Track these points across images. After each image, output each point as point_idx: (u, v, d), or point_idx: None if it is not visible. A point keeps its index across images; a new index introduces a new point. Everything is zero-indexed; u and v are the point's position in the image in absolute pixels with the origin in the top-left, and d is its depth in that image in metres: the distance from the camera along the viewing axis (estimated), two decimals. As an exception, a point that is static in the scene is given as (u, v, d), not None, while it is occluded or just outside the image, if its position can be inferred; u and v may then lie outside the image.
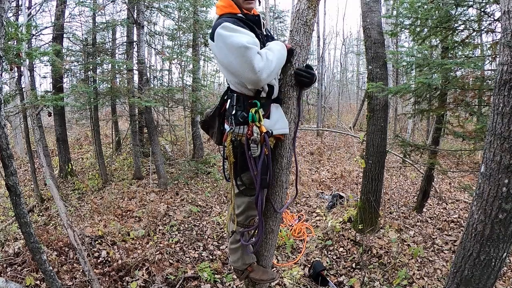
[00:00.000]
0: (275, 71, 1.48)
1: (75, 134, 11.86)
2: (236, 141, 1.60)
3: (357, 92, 21.02)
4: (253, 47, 1.39)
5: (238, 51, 1.39)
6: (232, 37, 1.41)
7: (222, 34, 1.44)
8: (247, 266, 1.88)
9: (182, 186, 6.38)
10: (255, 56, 1.38)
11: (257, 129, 1.52)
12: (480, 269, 1.88)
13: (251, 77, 1.40)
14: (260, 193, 1.59)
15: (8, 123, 6.06)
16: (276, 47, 1.51)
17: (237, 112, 1.58)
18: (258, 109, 1.54)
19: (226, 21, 1.47)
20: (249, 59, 1.37)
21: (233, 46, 1.40)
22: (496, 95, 1.79)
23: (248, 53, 1.37)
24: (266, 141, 1.52)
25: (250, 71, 1.39)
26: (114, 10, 8.72)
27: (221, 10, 1.60)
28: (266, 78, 1.43)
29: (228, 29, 1.44)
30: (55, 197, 3.81)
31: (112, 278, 3.31)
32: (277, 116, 1.64)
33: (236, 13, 1.58)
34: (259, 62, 1.39)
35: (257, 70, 1.38)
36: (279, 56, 1.49)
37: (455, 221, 4.71)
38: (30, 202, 5.57)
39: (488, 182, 1.81)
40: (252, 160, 1.54)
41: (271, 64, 1.42)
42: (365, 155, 4.33)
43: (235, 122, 1.58)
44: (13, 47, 3.66)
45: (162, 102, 6.71)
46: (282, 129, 1.66)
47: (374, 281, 3.33)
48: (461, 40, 3.92)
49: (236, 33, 1.43)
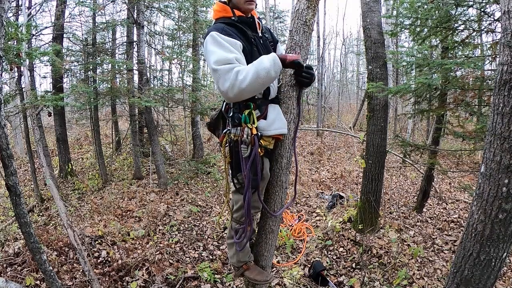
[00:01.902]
0: (248, 90, 1.42)
1: (75, 134, 11.86)
2: (232, 142, 1.64)
3: (357, 92, 21.01)
4: (219, 68, 1.42)
5: (210, 69, 1.47)
6: (210, 53, 1.47)
7: (207, 46, 1.51)
8: (243, 264, 1.89)
9: (182, 186, 6.38)
10: (220, 77, 1.42)
11: (248, 131, 1.56)
12: (480, 269, 1.88)
13: (221, 93, 1.46)
14: (247, 193, 1.61)
15: (8, 123, 6.07)
16: (259, 64, 1.43)
17: (234, 114, 1.62)
18: (251, 111, 1.58)
19: (215, 29, 1.51)
20: (216, 79, 1.44)
21: (208, 63, 1.48)
22: (496, 95, 1.79)
23: (215, 74, 1.44)
24: (255, 143, 1.54)
25: (220, 89, 1.45)
26: (114, 10, 8.72)
27: (216, 14, 1.65)
28: (233, 97, 1.45)
29: (211, 42, 1.49)
30: (55, 197, 3.81)
31: (112, 278, 3.31)
32: (274, 116, 1.65)
33: (230, 16, 1.61)
34: (224, 83, 1.41)
35: (221, 89, 1.44)
36: (256, 75, 1.40)
37: (455, 221, 4.71)
38: (30, 202, 5.57)
39: (488, 182, 1.81)
40: (243, 161, 1.59)
41: (240, 84, 1.40)
42: (365, 155, 4.33)
43: (231, 123, 1.63)
44: (13, 47, 3.66)
45: (162, 102, 6.71)
46: (280, 129, 1.67)
47: (374, 281, 3.33)
48: (461, 40, 3.92)
49: (215, 48, 1.47)
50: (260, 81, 1.42)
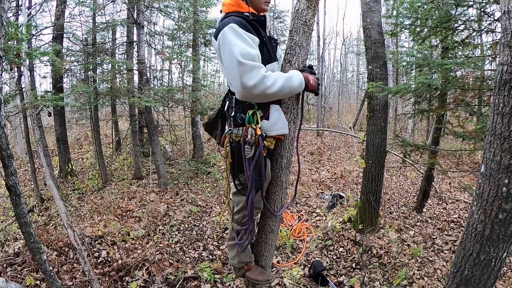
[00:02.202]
0: (270, 97, 1.45)
1: (75, 134, 11.86)
2: (234, 142, 1.62)
3: (357, 92, 21.01)
4: (246, 62, 1.37)
5: (233, 61, 1.39)
6: (233, 44, 1.40)
7: (226, 36, 1.43)
8: (244, 265, 1.89)
9: (182, 186, 6.38)
10: (246, 72, 1.37)
11: (252, 131, 1.54)
12: (480, 269, 1.88)
13: (238, 89, 1.41)
14: (251, 194, 1.59)
15: (8, 123, 6.07)
16: (289, 80, 1.47)
17: (236, 114, 1.59)
18: (255, 111, 1.55)
19: (233, 21, 1.45)
20: (240, 72, 1.37)
21: (231, 54, 1.40)
22: (496, 95, 1.79)
23: (240, 67, 1.37)
24: (259, 144, 1.53)
25: (238, 84, 1.39)
26: (114, 10, 8.73)
27: (228, 8, 1.56)
28: (255, 95, 1.42)
29: (233, 33, 1.42)
30: (55, 197, 3.81)
31: (112, 278, 3.31)
32: (276, 117, 1.65)
33: (243, 12, 1.55)
34: (250, 79, 1.37)
35: (246, 84, 1.37)
36: (282, 88, 1.44)
37: (455, 221, 4.71)
38: (30, 202, 5.57)
39: (488, 182, 1.81)
40: (246, 161, 1.56)
41: (266, 89, 1.40)
42: (365, 155, 4.33)
43: (233, 123, 1.60)
44: (13, 47, 3.65)
45: (162, 102, 6.71)
46: (282, 129, 1.66)
47: (374, 281, 3.33)
48: (461, 40, 3.91)
49: (238, 41, 1.41)
50: (281, 94, 1.47)
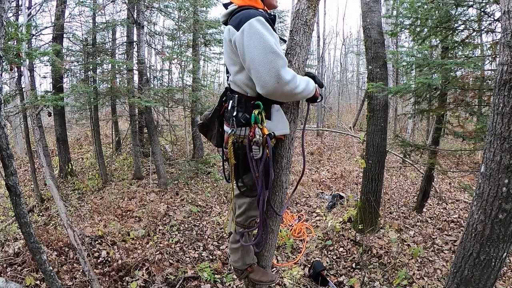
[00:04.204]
0: (292, 96, 1.45)
1: (75, 134, 11.86)
2: (237, 143, 1.57)
3: (357, 92, 21.01)
4: (284, 57, 1.37)
5: (267, 52, 1.34)
6: (265, 36, 1.36)
7: (255, 27, 1.36)
8: (247, 267, 1.88)
9: (182, 186, 6.38)
10: (284, 67, 1.36)
11: (259, 131, 1.49)
12: (480, 269, 1.88)
13: (271, 83, 1.35)
14: (261, 195, 1.57)
15: (8, 123, 6.07)
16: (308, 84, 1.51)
17: (238, 114, 1.54)
18: (261, 111, 1.51)
19: (260, 15, 1.40)
20: (277, 66, 1.34)
21: (265, 45, 1.34)
22: (496, 95, 1.79)
23: (272, 56, 1.33)
24: (268, 143, 1.49)
25: (273, 77, 1.34)
26: (114, 10, 8.72)
27: (244, 1, 1.51)
28: (280, 93, 1.40)
29: (262, 25, 1.37)
30: (55, 197, 3.80)
31: (112, 278, 3.31)
32: (278, 117, 1.63)
33: (259, 8, 1.52)
34: (287, 74, 1.36)
35: (280, 79, 1.34)
36: (304, 89, 1.47)
37: (455, 221, 4.71)
38: (30, 202, 5.56)
39: (488, 182, 1.81)
40: (254, 162, 1.52)
41: (295, 87, 1.41)
42: (365, 155, 4.33)
43: (236, 123, 1.55)
44: (13, 47, 3.65)
45: (162, 102, 6.71)
46: (284, 129, 1.65)
47: (374, 281, 3.33)
48: (461, 40, 3.92)
49: (269, 34, 1.38)
50: (301, 96, 1.48)
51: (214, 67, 14.51)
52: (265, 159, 1.50)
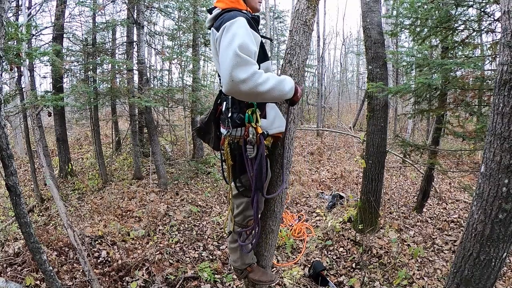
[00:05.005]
0: (258, 95, 1.33)
1: (75, 134, 11.86)
2: (233, 144, 1.59)
3: (357, 92, 21.02)
4: (243, 55, 1.28)
5: (229, 51, 1.31)
6: (236, 35, 1.33)
7: (232, 27, 1.36)
8: (247, 266, 1.88)
9: (182, 186, 6.38)
10: (240, 65, 1.27)
11: (253, 130, 1.51)
12: (480, 269, 1.88)
13: (227, 81, 1.29)
14: (255, 194, 1.58)
15: (8, 123, 6.06)
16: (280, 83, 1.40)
17: (233, 115, 1.55)
18: (254, 110, 1.52)
19: (241, 16, 1.41)
20: (233, 63, 1.28)
21: (230, 44, 1.32)
22: (496, 95, 1.79)
23: (235, 58, 1.28)
24: (261, 142, 1.50)
25: (227, 75, 1.29)
26: (114, 10, 8.71)
27: (226, 4, 1.51)
28: (244, 91, 1.29)
29: (238, 25, 1.36)
30: (55, 197, 3.80)
31: (112, 278, 3.31)
32: (273, 115, 1.64)
33: (242, 9, 1.52)
34: (241, 73, 1.27)
35: (236, 77, 1.27)
36: (271, 90, 1.35)
37: (455, 221, 4.71)
38: (30, 202, 5.57)
39: (488, 182, 1.81)
40: (249, 162, 1.54)
41: (257, 86, 1.29)
42: (365, 155, 4.33)
43: (232, 124, 1.56)
44: (13, 47, 3.65)
45: (162, 102, 6.71)
46: (280, 127, 1.66)
47: (374, 281, 3.33)
48: (461, 40, 3.92)
49: (242, 33, 1.34)
50: (271, 96, 1.38)
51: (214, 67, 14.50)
52: (260, 158, 1.51)
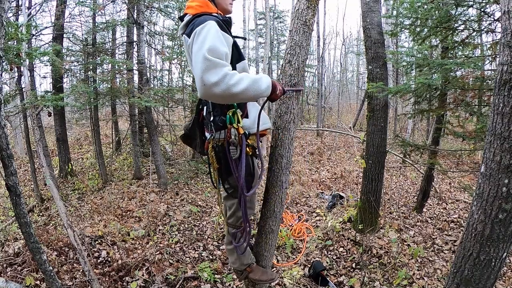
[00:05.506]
0: (233, 96, 1.32)
1: (75, 134, 11.86)
2: (217, 147, 1.60)
3: (357, 92, 21.03)
4: (212, 58, 1.28)
5: (199, 56, 1.31)
6: (205, 39, 1.33)
7: (201, 32, 1.36)
8: (246, 267, 1.89)
9: (182, 186, 6.38)
10: (210, 69, 1.27)
11: (234, 131, 1.52)
12: (480, 269, 1.88)
13: (200, 86, 1.30)
14: (242, 195, 1.59)
15: (8, 123, 6.06)
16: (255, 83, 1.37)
17: (215, 118, 1.57)
18: (235, 111, 1.53)
19: (210, 19, 1.40)
20: (203, 67, 1.28)
21: (200, 49, 1.32)
22: (496, 95, 1.79)
23: (205, 62, 1.28)
24: (243, 142, 1.51)
25: (198, 79, 1.29)
26: (114, 10, 8.71)
27: (196, 9, 1.51)
28: (213, 95, 1.30)
29: (208, 29, 1.36)
30: (55, 197, 3.80)
31: (112, 278, 3.31)
32: (256, 113, 1.63)
33: (212, 12, 1.52)
34: (212, 76, 1.27)
35: (207, 80, 1.27)
36: (246, 90, 1.33)
37: (455, 221, 4.71)
38: (30, 202, 5.57)
39: (488, 182, 1.81)
40: (233, 163, 1.55)
41: (230, 87, 1.29)
42: (365, 155, 4.33)
43: (214, 128, 1.58)
44: (13, 47, 3.65)
45: (162, 102, 6.71)
46: (264, 125, 1.66)
47: (374, 281, 3.33)
48: (461, 40, 3.92)
49: (211, 37, 1.34)
50: (246, 96, 1.36)
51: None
52: (246, 158, 1.52)
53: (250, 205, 1.78)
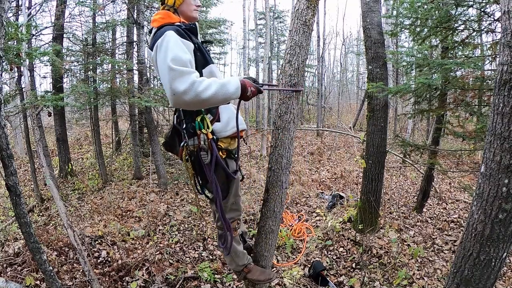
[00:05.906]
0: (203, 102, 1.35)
1: (75, 134, 11.86)
2: (191, 153, 1.61)
3: (357, 92, 21.03)
4: (177, 68, 1.31)
5: (164, 67, 1.34)
6: (167, 50, 1.36)
7: (162, 44, 1.39)
8: (243, 267, 1.89)
9: (182, 186, 6.37)
10: (177, 78, 1.30)
11: (204, 137, 1.53)
12: (480, 269, 1.88)
13: (169, 96, 1.33)
14: (217, 197, 1.62)
15: (8, 123, 6.06)
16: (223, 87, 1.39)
17: (187, 125, 1.58)
18: (203, 116, 1.54)
19: (171, 29, 1.43)
20: (170, 78, 1.31)
21: (164, 60, 1.35)
22: (496, 95, 1.79)
23: (170, 73, 1.31)
24: (212, 147, 1.53)
25: (168, 89, 1.32)
26: (114, 10, 8.70)
27: (159, 22, 1.55)
28: (184, 103, 1.33)
29: (167, 40, 1.39)
30: (55, 197, 3.80)
31: (112, 278, 3.31)
32: (228, 116, 1.64)
33: (174, 22, 1.55)
34: (180, 85, 1.30)
35: (176, 90, 1.30)
36: (215, 94, 1.35)
37: (455, 221, 4.71)
38: (30, 202, 5.57)
39: (488, 182, 1.81)
40: (206, 168, 1.57)
41: (198, 94, 1.31)
42: (365, 155, 4.33)
43: (187, 135, 1.59)
44: (13, 47, 3.65)
45: (162, 102, 6.70)
46: (233, 128, 1.65)
47: (374, 281, 3.33)
48: (461, 40, 3.91)
49: (172, 46, 1.37)
50: (216, 100, 1.38)
51: (214, 67, 14.47)
52: (215, 162, 1.54)
53: (236, 207, 1.80)
